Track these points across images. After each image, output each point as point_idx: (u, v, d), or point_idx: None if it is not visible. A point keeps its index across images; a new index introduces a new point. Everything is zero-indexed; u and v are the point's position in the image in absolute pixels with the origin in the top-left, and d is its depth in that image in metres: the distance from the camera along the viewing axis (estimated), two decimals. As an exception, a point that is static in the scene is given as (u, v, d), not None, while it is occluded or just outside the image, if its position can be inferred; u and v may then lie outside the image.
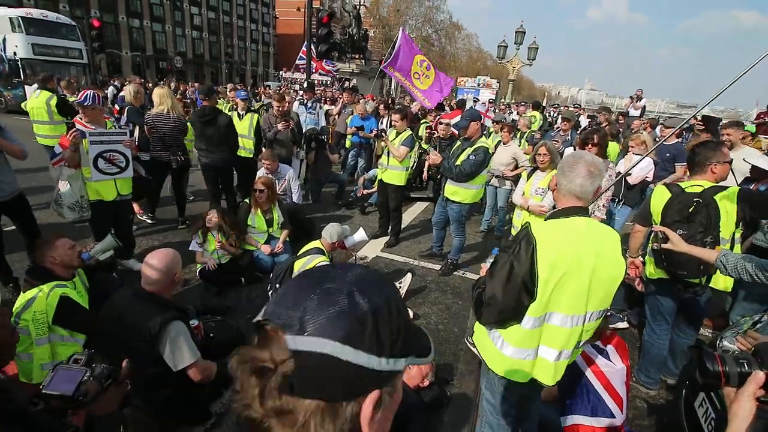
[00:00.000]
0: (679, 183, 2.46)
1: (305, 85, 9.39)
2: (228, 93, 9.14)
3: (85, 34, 16.51)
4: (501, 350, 1.67)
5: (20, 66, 15.27)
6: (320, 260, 3.25)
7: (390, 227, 5.23)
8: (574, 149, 4.61)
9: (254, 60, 51.13)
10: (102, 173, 3.52)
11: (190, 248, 3.85)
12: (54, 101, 5.56)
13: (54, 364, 1.28)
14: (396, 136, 4.80)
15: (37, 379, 2.41)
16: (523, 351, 1.62)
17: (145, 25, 37.12)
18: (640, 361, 2.89)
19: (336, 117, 8.53)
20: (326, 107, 8.98)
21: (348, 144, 7.49)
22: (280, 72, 31.07)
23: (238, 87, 9.57)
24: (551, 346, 1.60)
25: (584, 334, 1.62)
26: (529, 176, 3.74)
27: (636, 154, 4.38)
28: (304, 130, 6.43)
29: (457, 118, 5.56)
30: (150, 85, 15.01)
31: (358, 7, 25.01)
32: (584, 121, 10.52)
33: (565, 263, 1.48)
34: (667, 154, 5.05)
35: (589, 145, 3.47)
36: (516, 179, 5.53)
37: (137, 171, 3.90)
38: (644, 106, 11.09)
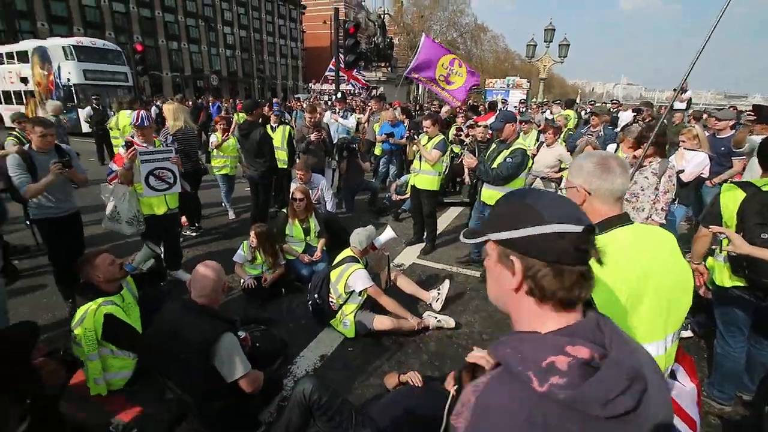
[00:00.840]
0: (751, 181, 2.23)
1: (334, 96, 9.56)
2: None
3: (129, 58, 17.64)
4: None
5: (73, 91, 16.49)
6: (355, 268, 3.27)
7: (425, 233, 5.17)
8: (618, 148, 4.39)
9: (284, 74, 52.79)
10: (153, 189, 3.71)
11: (233, 258, 3.95)
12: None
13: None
14: (428, 141, 4.76)
15: (94, 392, 2.52)
16: None
17: (182, 46, 39.24)
18: (713, 375, 2.65)
19: (365, 125, 8.60)
20: (357, 116, 9.05)
21: (378, 151, 7.51)
22: (309, 84, 31.83)
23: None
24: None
25: (668, 361, 1.41)
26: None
27: (688, 149, 4.11)
28: (335, 140, 6.51)
29: (492, 119, 5.44)
30: (190, 102, 15.78)
31: (382, 16, 25.24)
32: (626, 116, 10.02)
33: (627, 283, 1.25)
34: (722, 148, 4.71)
35: (643, 144, 3.25)
36: (559, 180, 5.34)
37: (182, 186, 4.08)
38: (690, 98, 10.45)
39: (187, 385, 2.08)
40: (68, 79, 16.69)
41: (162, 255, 3.97)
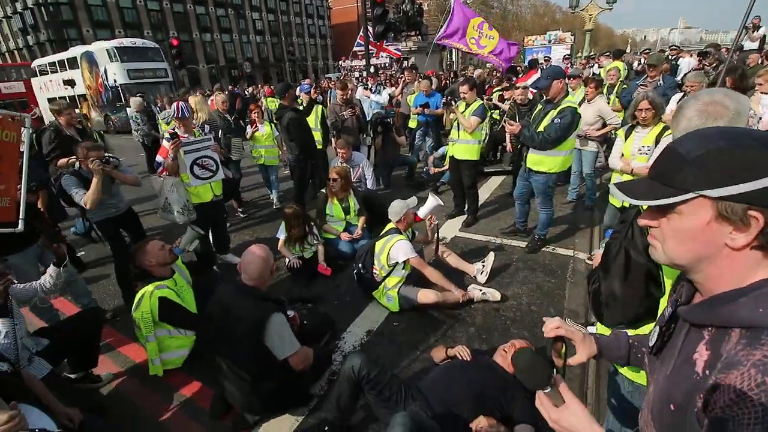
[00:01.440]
0: None
1: (365, 71, 9.32)
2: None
3: (167, 53, 18.25)
4: None
5: (120, 91, 17.41)
6: (398, 239, 3.24)
7: (466, 205, 5.00)
8: (684, 95, 3.93)
9: (314, 54, 52.62)
10: (198, 178, 3.83)
11: (277, 235, 4.06)
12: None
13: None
14: (466, 107, 4.52)
15: (152, 372, 2.71)
16: None
17: (215, 37, 40.09)
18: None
19: (399, 98, 8.36)
20: (389, 89, 8.82)
21: (413, 124, 7.29)
22: (339, 62, 31.50)
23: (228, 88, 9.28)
24: None
25: None
26: (627, 135, 3.25)
27: (765, 93, 3.60)
28: (369, 116, 6.39)
29: (534, 78, 5.05)
30: (225, 93, 16.14)
31: (410, -19, 24.10)
32: (688, 63, 8.97)
33: None
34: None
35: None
36: (603, 140, 4.92)
37: (225, 173, 4.19)
38: (765, 36, 9.13)
39: (241, 364, 2.17)
40: (114, 80, 17.62)
41: (210, 240, 4.16)
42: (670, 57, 9.68)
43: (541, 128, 3.51)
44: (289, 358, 2.18)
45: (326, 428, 2.15)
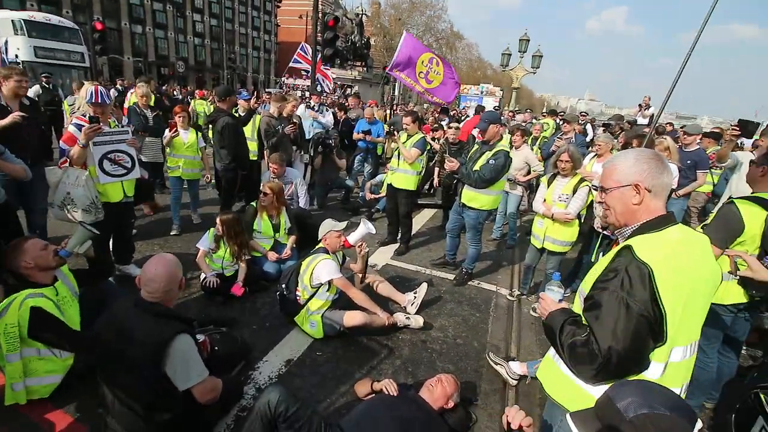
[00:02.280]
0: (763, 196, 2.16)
1: (307, 90, 9.24)
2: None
3: (87, 37, 16.44)
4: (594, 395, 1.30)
5: (23, 69, 15.13)
6: (323, 258, 3.09)
7: (399, 234, 5.04)
8: (594, 156, 4.45)
9: (255, 67, 51.33)
10: (108, 175, 3.34)
11: (197, 244, 3.67)
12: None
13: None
14: (407, 139, 4.64)
15: (9, 401, 2.18)
16: None
17: (147, 31, 37.24)
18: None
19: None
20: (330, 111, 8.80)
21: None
22: (281, 78, 31.10)
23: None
24: (672, 385, 1.28)
25: (688, 369, 1.36)
26: (549, 182, 3.56)
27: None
28: (310, 134, 6.26)
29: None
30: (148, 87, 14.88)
31: (360, 15, 25.10)
32: (592, 130, 10.37)
33: (687, 285, 1.21)
34: (688, 161, 4.89)
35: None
36: (527, 185, 5.36)
37: (141, 173, 3.71)
38: (653, 114, 10.98)
39: (133, 394, 1.81)
40: (16, 56, 15.30)
41: (110, 246, 3.61)
42: (581, 121, 11.15)
43: (477, 167, 3.70)
44: (193, 388, 1.87)
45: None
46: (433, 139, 7.07)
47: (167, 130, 4.81)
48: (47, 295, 2.23)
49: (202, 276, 3.56)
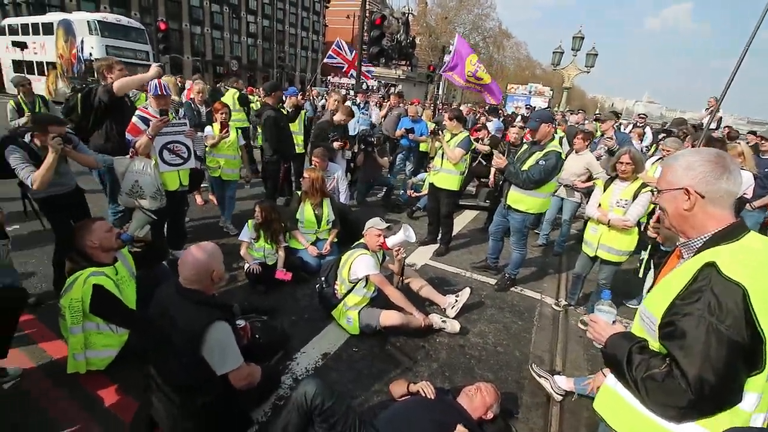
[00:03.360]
0: None
1: (353, 89, 9.36)
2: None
3: (152, 38, 17.64)
4: None
5: (95, 67, 16.51)
6: (362, 253, 3.08)
7: (440, 235, 4.94)
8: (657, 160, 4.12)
9: (303, 66, 52.75)
10: (166, 164, 3.54)
11: (240, 237, 3.80)
12: (237, 95, 6.70)
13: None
14: (451, 138, 4.53)
15: (71, 369, 2.34)
16: None
17: (205, 32, 39.38)
18: None
19: (382, 120, 8.38)
20: (375, 111, 8.84)
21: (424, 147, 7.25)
22: (327, 77, 31.73)
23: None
24: (761, 411, 1.14)
25: None
26: (606, 186, 3.32)
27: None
28: (356, 131, 6.31)
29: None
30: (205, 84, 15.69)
31: (406, 14, 25.06)
32: (651, 135, 9.66)
33: None
34: (767, 169, 4.40)
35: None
36: (586, 192, 5.05)
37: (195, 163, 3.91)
38: (721, 118, 10.05)
39: (172, 376, 1.87)
40: (90, 54, 16.71)
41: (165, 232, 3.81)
42: (638, 123, 10.42)
43: (525, 167, 3.53)
44: (230, 374, 1.91)
45: (265, 462, 1.89)
46: (477, 139, 6.89)
47: (210, 128, 4.55)
48: (108, 274, 2.38)
49: (246, 265, 3.67)
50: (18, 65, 19.55)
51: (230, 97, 6.76)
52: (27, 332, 2.73)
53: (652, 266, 2.97)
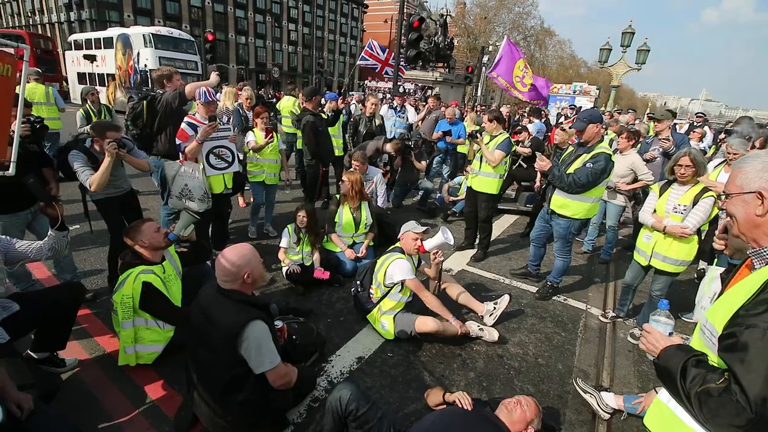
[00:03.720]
0: None
1: (389, 93, 9.37)
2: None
3: (200, 48, 18.65)
4: None
5: (149, 76, 17.68)
6: (398, 257, 3.03)
7: (478, 239, 4.81)
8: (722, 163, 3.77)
9: (341, 71, 53.78)
10: (212, 168, 3.69)
11: (280, 244, 3.85)
12: (297, 103, 6.88)
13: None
14: (491, 140, 4.40)
15: (122, 362, 2.47)
16: None
17: (249, 41, 41.27)
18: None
19: (419, 123, 8.32)
20: (411, 110, 8.80)
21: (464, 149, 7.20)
22: (364, 82, 32.10)
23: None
24: None
25: None
26: (662, 191, 3.08)
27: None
28: (393, 134, 6.31)
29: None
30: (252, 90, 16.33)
31: (444, 16, 24.84)
32: (712, 135, 8.92)
33: None
34: None
35: None
36: (631, 195, 4.75)
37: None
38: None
39: (213, 372, 1.93)
40: (145, 65, 17.92)
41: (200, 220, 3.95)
42: (695, 123, 9.66)
43: (570, 170, 3.35)
44: (267, 373, 1.93)
45: (300, 465, 1.89)
46: (517, 142, 6.68)
47: (252, 134, 4.52)
48: (156, 272, 2.50)
49: (284, 267, 3.74)
50: (82, 77, 21.32)
51: (291, 104, 6.99)
52: (84, 326, 2.92)
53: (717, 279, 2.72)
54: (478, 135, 4.44)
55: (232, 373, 1.90)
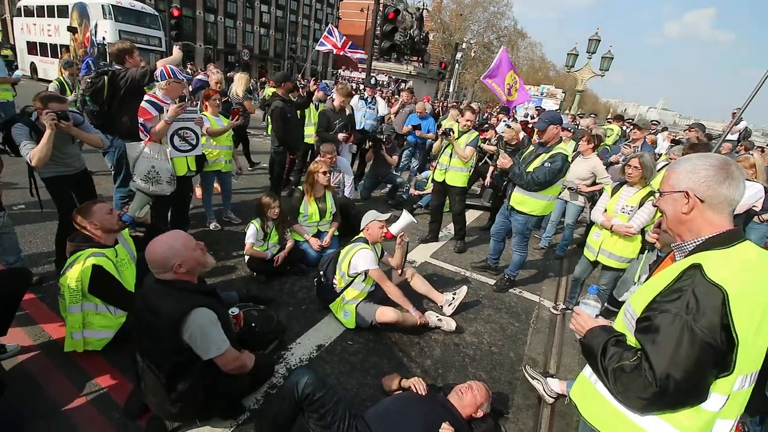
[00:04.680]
0: None
1: (362, 84, 9.30)
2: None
3: (165, 24, 17.70)
4: (648, 430, 1.20)
5: (106, 50, 16.59)
6: (362, 247, 3.09)
7: (454, 231, 5.00)
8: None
9: (314, 58, 52.60)
10: (177, 150, 3.56)
11: (246, 239, 3.65)
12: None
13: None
14: (460, 136, 4.51)
15: (68, 348, 2.37)
16: None
17: (218, 20, 39.41)
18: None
19: (393, 117, 8.33)
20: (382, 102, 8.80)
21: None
22: (338, 70, 31.65)
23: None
24: (728, 417, 1.18)
25: (744, 401, 1.22)
26: (614, 191, 3.29)
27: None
28: (363, 125, 6.30)
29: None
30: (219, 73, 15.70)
31: (421, 9, 24.83)
32: (664, 144, 9.49)
33: (760, 310, 1.07)
34: (778, 182, 4.31)
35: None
36: (590, 196, 5.01)
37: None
38: (744, 128, 9.74)
39: (156, 360, 1.89)
40: (103, 38, 16.73)
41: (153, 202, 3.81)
42: (651, 131, 10.26)
43: (530, 169, 3.50)
44: (216, 359, 1.90)
45: (254, 449, 1.91)
46: (484, 140, 6.86)
47: (206, 118, 4.22)
48: (108, 256, 2.41)
49: (246, 257, 3.68)
50: (32, 47, 19.73)
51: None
52: (27, 311, 2.77)
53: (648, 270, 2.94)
54: (451, 132, 4.52)
55: (174, 360, 1.86)
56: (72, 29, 16.99)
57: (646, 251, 2.96)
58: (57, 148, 2.91)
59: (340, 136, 5.36)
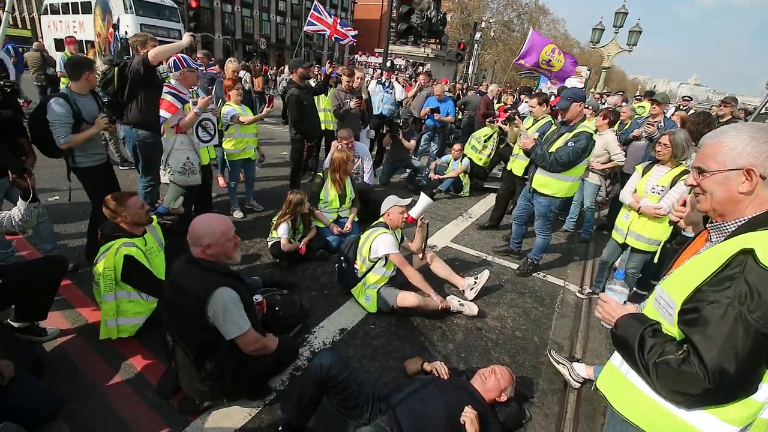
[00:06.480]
0: None
1: (379, 68, 9.12)
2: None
3: (184, 16, 17.88)
4: (694, 424, 1.12)
5: (129, 44, 16.93)
6: (382, 232, 3.10)
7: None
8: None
9: (330, 44, 52.22)
10: (200, 140, 3.65)
11: (279, 234, 3.66)
12: None
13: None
14: (533, 123, 4.36)
15: (103, 336, 2.48)
16: (745, 426, 1.11)
17: (235, 10, 39.51)
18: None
19: (411, 101, 8.21)
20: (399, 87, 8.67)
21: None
22: (355, 56, 31.30)
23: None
24: None
25: None
26: (645, 171, 3.14)
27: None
28: (380, 110, 6.23)
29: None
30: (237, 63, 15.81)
31: (438, -11, 24.09)
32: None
33: None
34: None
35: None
36: (605, 174, 4.81)
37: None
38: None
39: (186, 340, 1.96)
40: (126, 32, 17.10)
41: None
42: (682, 107, 9.75)
43: (553, 149, 3.39)
44: (237, 339, 1.94)
45: (280, 428, 1.96)
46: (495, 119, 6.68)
47: (232, 108, 4.37)
48: (138, 245, 2.49)
49: (270, 242, 3.74)
50: (59, 44, 20.32)
51: None
52: (64, 296, 2.91)
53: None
54: (516, 117, 4.32)
55: (202, 339, 1.93)
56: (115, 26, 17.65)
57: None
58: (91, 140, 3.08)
59: (352, 103, 5.28)
